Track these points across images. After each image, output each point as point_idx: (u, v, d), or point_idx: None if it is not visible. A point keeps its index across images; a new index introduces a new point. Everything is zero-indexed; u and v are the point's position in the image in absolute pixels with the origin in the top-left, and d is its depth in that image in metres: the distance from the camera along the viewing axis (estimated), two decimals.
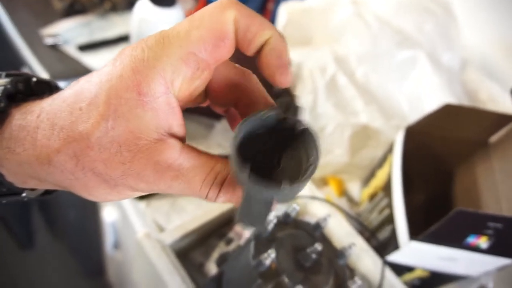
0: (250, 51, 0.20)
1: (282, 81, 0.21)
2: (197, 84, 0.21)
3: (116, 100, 0.19)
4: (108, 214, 0.89)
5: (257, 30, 0.20)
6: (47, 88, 0.24)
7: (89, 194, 0.21)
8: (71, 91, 0.20)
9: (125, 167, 0.20)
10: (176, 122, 0.21)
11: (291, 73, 0.21)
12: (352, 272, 0.41)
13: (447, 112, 0.48)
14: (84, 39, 0.75)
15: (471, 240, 0.43)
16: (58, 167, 0.20)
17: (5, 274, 1.44)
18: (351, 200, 0.73)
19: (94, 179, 0.20)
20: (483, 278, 0.62)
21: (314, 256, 0.38)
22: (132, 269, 0.54)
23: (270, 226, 0.39)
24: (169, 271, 0.42)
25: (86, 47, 0.74)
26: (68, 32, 0.74)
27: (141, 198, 0.60)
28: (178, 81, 0.20)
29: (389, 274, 0.52)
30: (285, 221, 0.42)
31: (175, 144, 0.20)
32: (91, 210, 1.09)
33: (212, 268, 0.49)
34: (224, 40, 0.19)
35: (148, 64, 0.19)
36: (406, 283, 0.54)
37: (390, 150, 0.57)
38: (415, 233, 0.47)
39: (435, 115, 0.49)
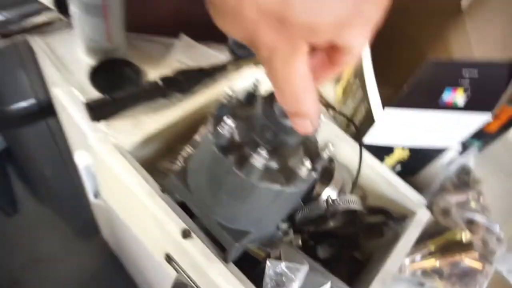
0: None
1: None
2: None
3: None
4: (80, 160, 0.85)
5: None
6: None
7: None
8: None
9: None
10: None
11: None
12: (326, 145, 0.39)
13: None
14: None
15: (447, 96, 0.40)
16: None
17: None
18: (327, 105, 0.70)
19: None
20: (463, 158, 0.61)
21: None
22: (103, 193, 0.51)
23: (232, 104, 0.36)
24: (127, 170, 0.39)
25: None
26: None
27: (98, 118, 0.55)
28: None
29: (368, 157, 0.50)
30: (247, 101, 0.38)
31: None
32: (64, 160, 1.04)
33: None
34: None
35: None
36: None
37: None
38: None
39: None
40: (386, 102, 0.45)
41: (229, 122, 0.32)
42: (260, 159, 0.30)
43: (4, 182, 1.23)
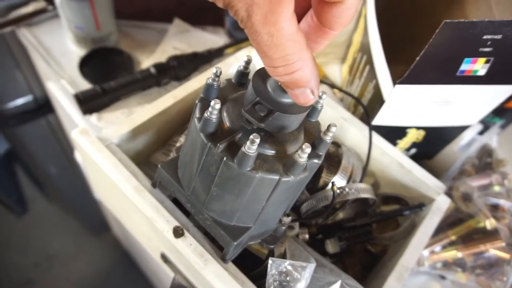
0: None
1: None
2: None
3: None
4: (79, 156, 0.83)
5: None
6: None
7: None
8: None
9: None
10: None
11: None
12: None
13: None
14: None
15: (466, 67, 0.35)
16: None
17: (6, 242, 1.43)
18: (332, 86, 0.65)
19: None
20: (484, 138, 0.56)
21: None
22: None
23: (222, 85, 0.32)
24: (112, 163, 0.36)
25: None
26: None
27: (89, 111, 0.52)
28: None
29: (379, 140, 0.46)
30: (239, 82, 0.34)
31: None
32: (67, 158, 1.03)
33: None
34: None
35: None
36: None
37: (363, 3, 0.48)
38: None
39: None
40: (397, 79, 0.40)
41: (217, 106, 0.28)
42: (253, 146, 0.27)
43: (12, 182, 1.22)
